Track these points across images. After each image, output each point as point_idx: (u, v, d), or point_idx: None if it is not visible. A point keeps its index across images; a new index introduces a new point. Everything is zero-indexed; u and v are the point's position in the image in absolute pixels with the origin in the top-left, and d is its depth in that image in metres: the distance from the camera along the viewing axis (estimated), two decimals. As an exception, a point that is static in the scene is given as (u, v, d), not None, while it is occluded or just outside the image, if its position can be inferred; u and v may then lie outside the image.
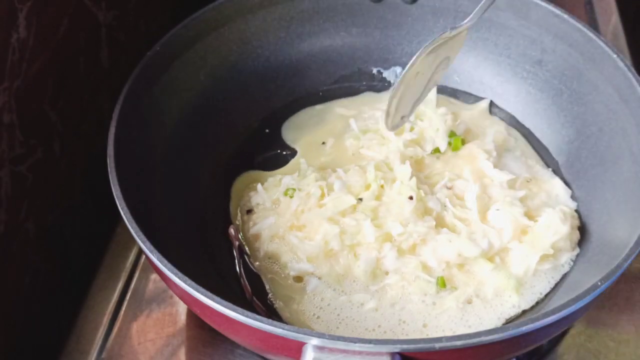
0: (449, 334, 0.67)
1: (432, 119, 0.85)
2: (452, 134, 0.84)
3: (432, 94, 0.86)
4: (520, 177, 0.80)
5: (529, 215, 0.75)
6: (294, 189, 0.78)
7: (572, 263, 0.73)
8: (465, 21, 0.73)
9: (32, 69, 0.65)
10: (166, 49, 0.78)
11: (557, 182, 0.80)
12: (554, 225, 0.73)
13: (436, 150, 0.83)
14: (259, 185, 0.80)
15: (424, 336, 0.67)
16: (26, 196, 0.68)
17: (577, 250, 0.73)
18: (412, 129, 0.85)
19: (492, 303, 0.70)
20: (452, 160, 0.82)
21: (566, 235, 0.73)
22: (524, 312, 0.70)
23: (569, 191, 0.80)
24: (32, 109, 0.67)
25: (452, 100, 0.91)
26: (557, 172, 0.82)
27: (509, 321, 0.69)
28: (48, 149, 0.71)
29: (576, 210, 0.77)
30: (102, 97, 0.81)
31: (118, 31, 0.82)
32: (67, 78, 0.73)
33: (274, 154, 0.86)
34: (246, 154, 0.85)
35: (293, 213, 0.76)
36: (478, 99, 0.91)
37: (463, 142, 0.84)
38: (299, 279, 0.73)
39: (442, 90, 0.91)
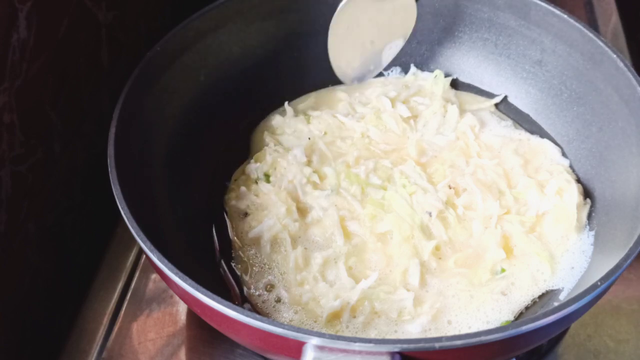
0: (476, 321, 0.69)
1: (434, 98, 0.88)
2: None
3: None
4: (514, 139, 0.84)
5: (539, 183, 0.79)
6: (267, 174, 0.79)
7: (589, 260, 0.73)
8: None
9: (32, 69, 0.65)
10: (166, 49, 0.78)
11: (546, 142, 0.83)
12: (571, 192, 0.76)
13: None
14: (243, 187, 0.80)
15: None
16: (26, 196, 0.68)
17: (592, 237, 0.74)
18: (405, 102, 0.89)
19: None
20: (448, 157, 0.83)
21: (578, 195, 0.76)
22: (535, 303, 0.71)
23: (559, 149, 0.82)
24: (32, 109, 0.67)
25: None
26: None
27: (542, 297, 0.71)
28: (48, 149, 0.71)
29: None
30: (102, 97, 0.81)
31: (118, 31, 0.82)
32: (67, 78, 0.73)
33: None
34: (246, 153, 0.85)
35: (283, 198, 0.76)
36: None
37: None
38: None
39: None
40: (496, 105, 0.89)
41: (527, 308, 0.70)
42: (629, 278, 0.77)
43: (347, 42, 0.78)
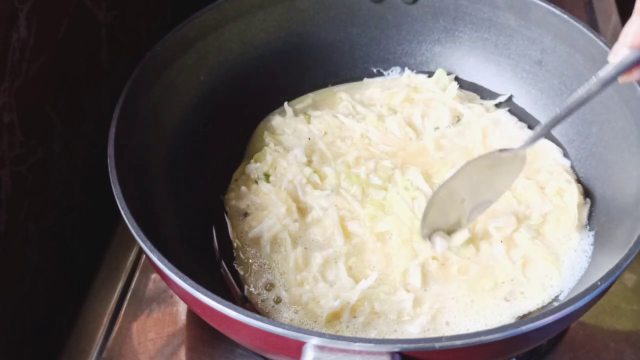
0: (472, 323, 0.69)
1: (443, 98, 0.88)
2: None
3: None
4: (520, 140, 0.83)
5: (539, 184, 0.78)
6: (267, 174, 0.79)
7: (589, 260, 0.73)
8: (519, 146, 0.68)
9: (32, 69, 0.65)
10: (166, 49, 0.78)
11: (548, 143, 0.83)
12: (571, 192, 0.76)
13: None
14: (243, 187, 0.80)
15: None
16: (26, 196, 0.68)
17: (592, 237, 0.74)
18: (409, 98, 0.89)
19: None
20: (450, 156, 0.83)
21: (579, 195, 0.76)
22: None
23: (560, 149, 0.82)
24: (32, 109, 0.67)
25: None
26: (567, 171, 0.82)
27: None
28: (48, 149, 0.71)
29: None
30: (102, 97, 0.81)
31: (118, 31, 0.82)
32: (67, 78, 0.73)
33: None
34: (246, 153, 0.85)
35: (283, 198, 0.77)
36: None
37: None
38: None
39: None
40: (497, 105, 0.90)
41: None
42: (629, 278, 0.77)
43: (443, 202, 0.70)
